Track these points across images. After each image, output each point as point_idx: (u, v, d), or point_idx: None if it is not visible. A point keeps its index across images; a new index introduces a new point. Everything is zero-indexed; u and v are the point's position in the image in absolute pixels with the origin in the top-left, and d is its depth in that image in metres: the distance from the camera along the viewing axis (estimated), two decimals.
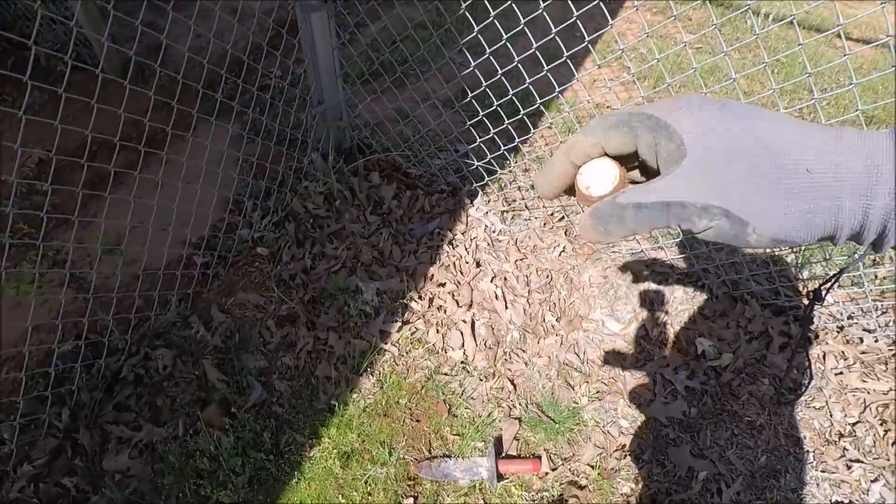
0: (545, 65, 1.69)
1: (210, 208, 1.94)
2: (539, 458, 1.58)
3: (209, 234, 2.04)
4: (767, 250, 2.08)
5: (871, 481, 1.52)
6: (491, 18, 1.66)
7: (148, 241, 1.69)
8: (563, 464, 1.59)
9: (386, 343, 1.84)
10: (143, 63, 1.49)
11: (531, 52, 1.68)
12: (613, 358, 1.82)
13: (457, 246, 2.11)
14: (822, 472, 1.55)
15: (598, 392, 1.74)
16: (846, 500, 1.50)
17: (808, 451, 1.59)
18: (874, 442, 1.60)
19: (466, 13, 1.68)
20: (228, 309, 1.91)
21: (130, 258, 1.91)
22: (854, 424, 1.64)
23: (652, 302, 1.95)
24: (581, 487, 1.54)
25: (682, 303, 1.94)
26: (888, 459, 1.56)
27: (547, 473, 1.56)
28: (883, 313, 1.81)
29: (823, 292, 1.63)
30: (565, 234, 2.15)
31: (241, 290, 1.96)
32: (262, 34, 2.42)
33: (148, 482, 1.50)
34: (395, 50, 2.42)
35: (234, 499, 1.46)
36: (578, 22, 1.55)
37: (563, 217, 2.20)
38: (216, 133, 1.86)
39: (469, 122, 2.04)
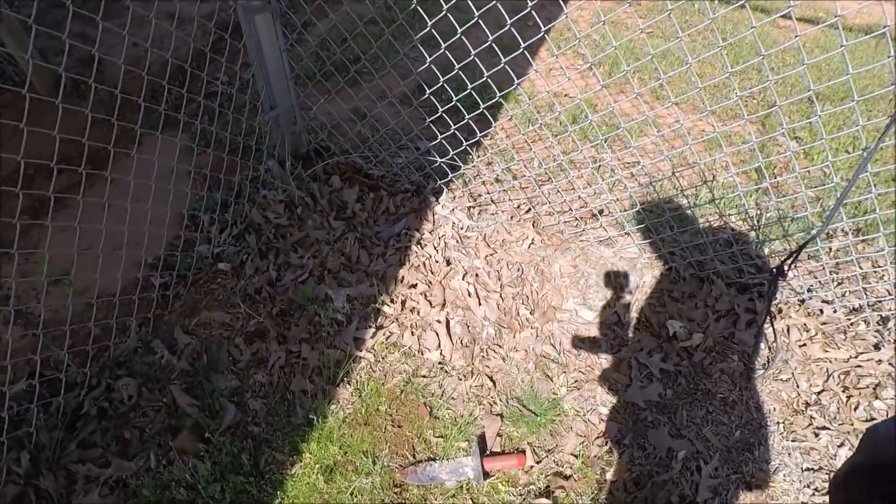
0: (502, 56, 1.67)
1: (164, 227, 1.85)
2: (523, 452, 1.59)
3: (166, 253, 1.95)
4: (728, 227, 2.13)
5: (838, 447, 1.59)
6: (444, 12, 1.62)
7: (99, 267, 1.59)
8: (547, 456, 1.60)
9: (361, 350, 1.81)
10: (77, 78, 1.39)
11: (487, 44, 1.65)
12: (589, 346, 1.84)
13: (425, 245, 2.09)
14: (793, 441, 1.61)
15: (576, 381, 1.75)
16: (816, 467, 1.56)
17: (778, 423, 1.65)
18: (838, 409, 1.67)
19: (418, 7, 1.64)
20: (193, 330, 1.83)
21: (81, 287, 1.81)
22: (819, 393, 1.71)
23: (622, 288, 1.98)
24: (566, 477, 1.56)
25: (651, 287, 1.97)
26: (852, 425, 1.63)
27: (532, 467, 1.57)
28: (839, 284, 1.88)
29: (786, 268, 1.68)
30: (533, 227, 2.15)
31: (204, 309, 1.88)
32: (203, 39, 2.29)
33: None
34: (346, 48, 2.35)
35: None
36: (533, 12, 1.53)
37: (529, 209, 2.19)
38: (163, 147, 1.77)
39: (429, 119, 2.00)
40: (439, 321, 1.87)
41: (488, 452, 1.60)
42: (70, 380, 1.60)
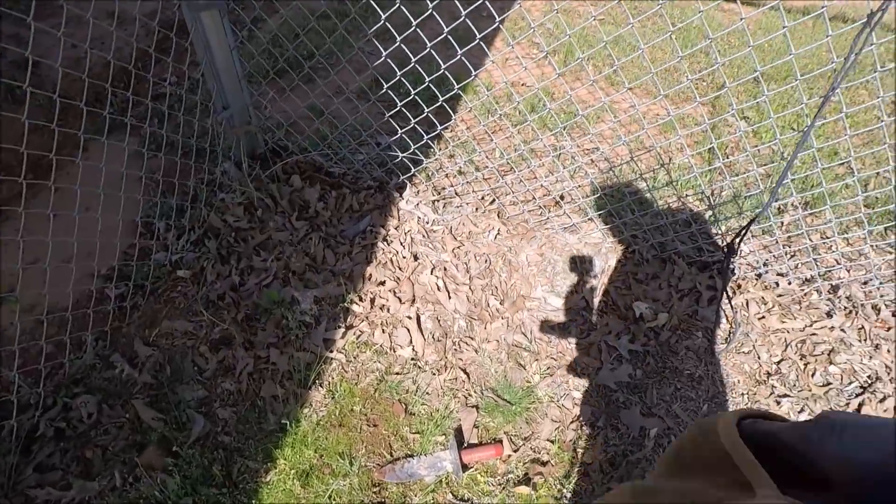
0: (458, 48, 1.66)
1: (117, 236, 1.77)
2: (500, 442, 1.60)
3: (120, 263, 1.86)
4: (686, 208, 2.19)
5: (798, 412, 1.66)
6: (398, 5, 1.60)
7: (47, 281, 1.51)
8: (524, 443, 1.61)
9: (331, 351, 1.78)
10: (11, 83, 1.31)
11: (443, 36, 1.64)
12: (559, 332, 1.86)
13: (391, 242, 2.06)
14: None
15: (548, 368, 1.77)
16: None
17: (742, 394, 1.71)
18: (797, 376, 1.74)
19: (371, 0, 1.61)
20: (154, 341, 1.76)
21: (29, 303, 1.71)
22: (779, 363, 1.78)
23: (588, 273, 2.01)
24: (544, 463, 1.57)
25: (616, 270, 2.01)
26: (810, 390, 1.71)
27: (510, 456, 1.58)
28: (792, 257, 1.96)
29: (736, 245, 1.74)
30: (498, 217, 2.15)
31: (165, 319, 1.82)
32: (147, 39, 2.19)
33: None
34: (299, 44, 2.29)
35: None
36: (486, 2, 1.53)
37: (494, 200, 2.20)
38: (111, 152, 1.68)
39: (388, 114, 1.98)
40: (410, 317, 1.86)
41: (466, 445, 1.60)
42: (23, 401, 1.51)
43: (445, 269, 1.99)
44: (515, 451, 1.59)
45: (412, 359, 1.78)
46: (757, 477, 0.39)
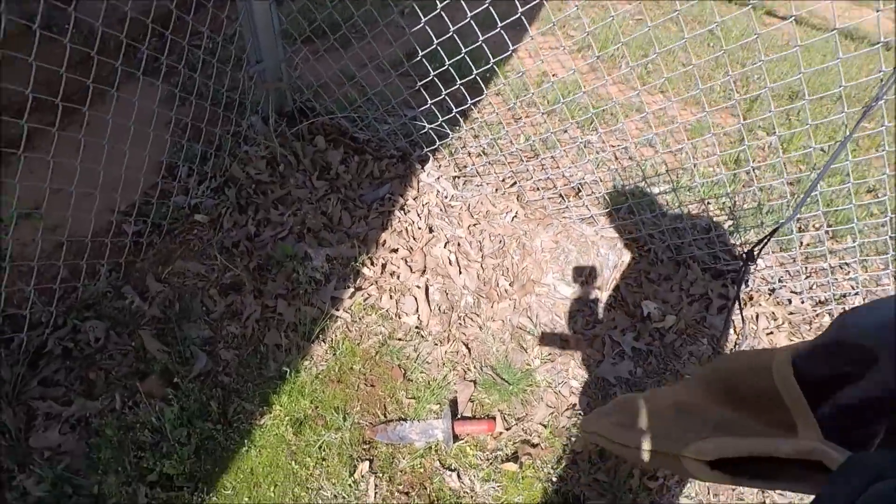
0: (499, 21, 1.65)
1: (141, 172, 1.79)
2: (493, 418, 1.61)
3: (141, 200, 1.89)
4: (707, 214, 2.17)
5: None
6: None
7: (71, 206, 1.54)
8: (516, 423, 1.62)
9: (338, 310, 1.80)
10: (52, 15, 1.33)
11: (484, 6, 1.63)
12: (564, 321, 1.86)
13: (408, 212, 2.07)
14: None
15: (549, 354, 1.77)
16: None
17: None
18: None
19: None
20: (166, 278, 1.79)
21: (52, 224, 1.75)
22: None
23: (601, 266, 2.00)
24: (534, 445, 1.58)
25: (629, 267, 2.00)
26: None
27: (501, 433, 1.59)
28: (808, 276, 1.93)
29: (756, 253, 1.73)
30: (517, 200, 2.15)
31: (179, 259, 1.84)
32: None
33: (82, 458, 1.40)
34: (338, 6, 2.30)
35: (179, 469, 1.39)
36: None
37: (514, 183, 2.20)
38: (144, 90, 1.70)
39: (420, 83, 1.98)
40: (419, 287, 1.87)
41: (459, 417, 1.61)
42: (34, 318, 1.55)
43: (459, 244, 2.00)
44: (507, 430, 1.60)
45: (416, 327, 1.79)
46: (804, 418, 0.40)
